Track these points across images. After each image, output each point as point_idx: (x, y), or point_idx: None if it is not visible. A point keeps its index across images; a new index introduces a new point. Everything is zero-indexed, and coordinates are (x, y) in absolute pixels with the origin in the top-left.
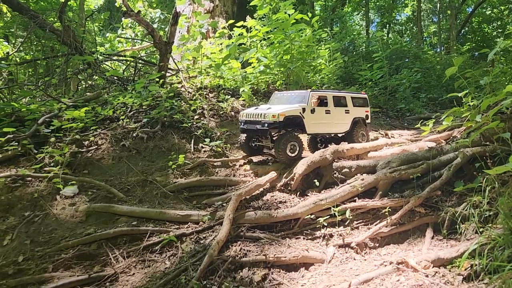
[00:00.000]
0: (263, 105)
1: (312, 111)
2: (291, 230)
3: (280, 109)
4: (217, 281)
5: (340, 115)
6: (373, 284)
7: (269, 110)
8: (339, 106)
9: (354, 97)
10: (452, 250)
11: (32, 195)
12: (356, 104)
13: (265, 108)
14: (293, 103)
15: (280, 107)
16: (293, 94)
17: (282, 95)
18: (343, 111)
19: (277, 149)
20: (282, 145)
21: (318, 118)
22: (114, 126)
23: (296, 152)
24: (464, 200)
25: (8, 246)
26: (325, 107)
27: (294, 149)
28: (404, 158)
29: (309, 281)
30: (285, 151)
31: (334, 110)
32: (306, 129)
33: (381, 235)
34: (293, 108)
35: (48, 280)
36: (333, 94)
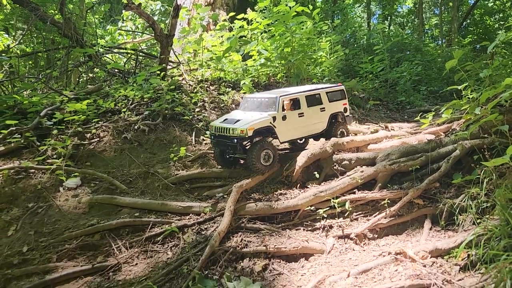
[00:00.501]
0: (233, 113)
1: (283, 118)
2: (291, 221)
3: (248, 122)
4: (218, 271)
5: (315, 115)
6: (372, 273)
7: (237, 124)
8: (313, 106)
9: (329, 92)
10: (449, 240)
11: (35, 186)
12: (333, 98)
13: (233, 119)
14: (264, 110)
15: (249, 117)
16: (264, 99)
17: (252, 99)
18: (318, 109)
19: (250, 159)
20: (255, 155)
21: (291, 123)
22: (116, 118)
23: (271, 160)
24: (462, 192)
25: (12, 236)
26: (298, 110)
27: (268, 158)
28: (403, 151)
29: (309, 271)
30: (259, 161)
31: (308, 111)
32: (279, 138)
33: (380, 226)
34: (263, 119)
35: (53, 270)
36: (305, 94)
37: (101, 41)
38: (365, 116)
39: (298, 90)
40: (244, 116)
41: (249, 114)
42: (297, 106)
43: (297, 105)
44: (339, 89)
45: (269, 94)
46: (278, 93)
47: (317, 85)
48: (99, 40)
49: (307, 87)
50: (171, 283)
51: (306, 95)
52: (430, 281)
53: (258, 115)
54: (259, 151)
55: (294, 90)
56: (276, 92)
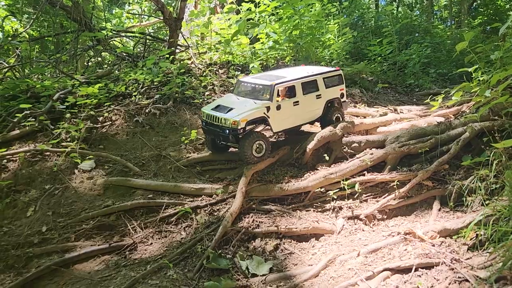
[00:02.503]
0: (226, 99)
1: (278, 108)
2: (302, 202)
3: (240, 113)
4: (231, 250)
5: (311, 103)
6: (381, 253)
7: (229, 115)
8: (309, 93)
9: (326, 77)
10: (458, 221)
11: (51, 169)
12: (329, 84)
13: (225, 107)
14: (257, 97)
15: (241, 106)
16: (258, 86)
17: (246, 84)
18: (314, 97)
19: (242, 151)
20: (247, 147)
21: (285, 113)
22: (127, 102)
23: (263, 151)
24: (471, 174)
25: (31, 217)
26: (293, 98)
27: (260, 149)
28: (413, 133)
29: (319, 251)
30: (251, 152)
31: (303, 99)
32: (272, 128)
33: (389, 208)
34: (256, 110)
35: (71, 248)
36: (301, 81)
37: (108, 25)
38: (374, 99)
39: (294, 76)
40: (237, 103)
41: (242, 102)
42: (293, 94)
43: (293, 93)
44: (336, 74)
45: (263, 80)
46: (273, 80)
47: (313, 68)
48: (106, 24)
49: (303, 71)
50: (185, 261)
51: (302, 82)
52: (439, 260)
53: (251, 103)
54: (251, 142)
55: (290, 75)
56: (271, 77)
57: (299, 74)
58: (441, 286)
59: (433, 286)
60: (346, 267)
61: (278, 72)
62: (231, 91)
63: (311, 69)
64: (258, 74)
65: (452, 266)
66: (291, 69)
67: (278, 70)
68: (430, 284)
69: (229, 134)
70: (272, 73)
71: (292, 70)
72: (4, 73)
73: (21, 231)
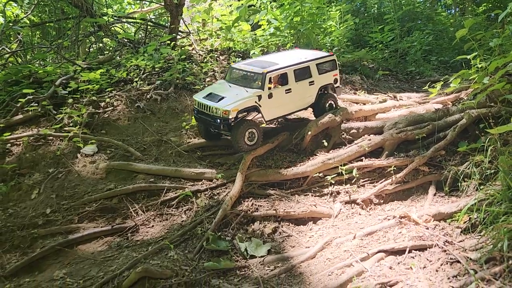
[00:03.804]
0: (218, 86)
1: (269, 96)
2: (300, 187)
3: (231, 102)
4: (230, 232)
5: (304, 90)
6: (377, 236)
7: (220, 104)
8: (302, 80)
9: (319, 63)
10: (452, 205)
11: (54, 153)
12: (323, 70)
13: (217, 96)
14: (249, 85)
15: (233, 94)
16: (250, 73)
17: (238, 71)
18: (307, 83)
19: (234, 139)
20: (239, 135)
21: (277, 101)
22: (129, 88)
23: (255, 139)
24: (467, 160)
25: (36, 199)
26: (285, 85)
27: (252, 137)
28: (410, 119)
29: (316, 233)
30: (243, 140)
31: (296, 86)
32: (264, 117)
33: (385, 193)
34: (247, 99)
35: (75, 230)
36: (294, 68)
37: (109, 11)
38: (374, 86)
39: (286, 63)
40: (229, 91)
41: (234, 90)
42: (285, 81)
43: (285, 80)
44: (330, 60)
45: (255, 66)
46: (265, 67)
47: (307, 53)
48: (107, 10)
49: (297, 56)
50: (186, 243)
51: (295, 69)
52: (432, 242)
53: (243, 92)
54: (243, 130)
55: (282, 62)
56: (263, 64)
57: (292, 60)
58: (433, 267)
59: (426, 267)
60: (342, 249)
61: (271, 58)
62: (224, 78)
63: (305, 54)
64: (251, 60)
65: (445, 248)
66: (285, 54)
67: (272, 55)
68: (423, 265)
69: (220, 123)
70: (265, 59)
71: (286, 55)
72: (6, 58)
73: (26, 213)
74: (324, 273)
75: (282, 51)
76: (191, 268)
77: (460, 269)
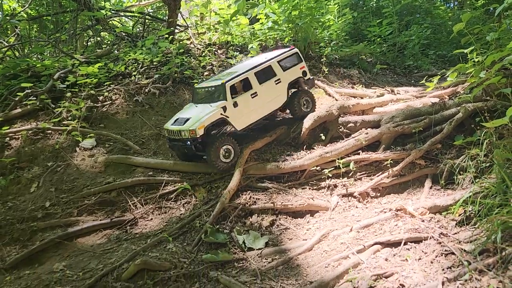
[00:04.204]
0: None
1: (235, 105)
2: (298, 181)
3: (197, 120)
4: (228, 225)
5: (271, 90)
6: (373, 228)
7: (186, 125)
8: (266, 80)
9: (281, 60)
10: (448, 198)
11: (53, 146)
12: (287, 66)
13: (183, 118)
14: (213, 100)
15: (198, 113)
16: (210, 88)
17: (200, 90)
18: (273, 83)
19: (209, 158)
20: (214, 153)
21: (245, 108)
22: (127, 82)
23: (232, 155)
24: (463, 153)
25: (35, 193)
26: (250, 90)
27: (228, 154)
28: (407, 113)
29: (313, 226)
30: (219, 159)
31: (261, 88)
32: (235, 127)
33: (382, 186)
34: (211, 113)
35: (74, 223)
36: (254, 71)
37: (107, 4)
38: (372, 80)
39: (246, 68)
40: (195, 111)
41: (199, 108)
42: (248, 86)
43: (248, 86)
44: (292, 53)
45: (215, 81)
46: (224, 77)
47: (267, 54)
48: (105, 3)
49: (258, 60)
50: (185, 236)
51: (255, 72)
52: (428, 234)
53: (207, 108)
54: (217, 148)
55: (242, 69)
56: (222, 76)
57: (252, 64)
58: (428, 259)
59: (421, 259)
60: (339, 241)
61: (231, 69)
62: (191, 101)
63: (267, 55)
64: (212, 77)
65: (440, 240)
66: (247, 62)
67: (234, 67)
68: (418, 256)
69: (191, 144)
70: (225, 72)
71: (248, 62)
72: (4, 52)
73: (25, 206)
74: (321, 265)
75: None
76: (190, 260)
77: (454, 260)
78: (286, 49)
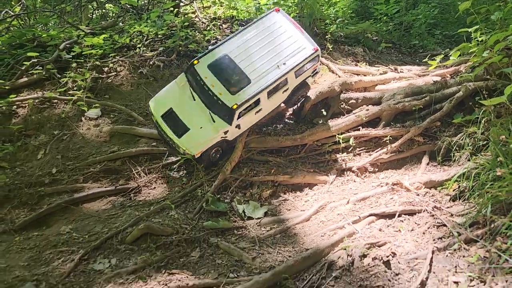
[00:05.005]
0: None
1: (237, 127)
2: (298, 154)
3: (196, 143)
4: (229, 195)
5: (276, 100)
6: (369, 201)
7: (184, 140)
8: (276, 92)
9: (300, 68)
10: (443, 173)
11: (59, 116)
12: (301, 72)
13: (178, 123)
14: (217, 113)
15: (197, 128)
16: (220, 101)
17: (205, 86)
18: (281, 92)
19: (200, 162)
20: (205, 160)
21: (244, 125)
22: (132, 54)
23: (219, 154)
24: (461, 131)
25: (42, 159)
26: (256, 107)
27: (217, 153)
28: (409, 91)
29: (312, 198)
30: (209, 160)
31: (267, 103)
32: (229, 138)
33: (380, 161)
34: (213, 138)
35: (80, 189)
36: (269, 89)
37: None
38: (376, 59)
39: (260, 84)
40: (193, 117)
41: (198, 115)
42: (256, 103)
43: (256, 103)
44: (313, 57)
45: (224, 87)
46: (237, 89)
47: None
48: None
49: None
50: (186, 204)
51: (269, 90)
52: (421, 207)
53: (208, 124)
54: (208, 155)
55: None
56: (231, 80)
57: (270, 74)
58: (420, 230)
59: (413, 230)
60: (335, 212)
61: (243, 61)
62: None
63: (286, 42)
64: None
65: (433, 213)
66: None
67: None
68: (411, 227)
69: (182, 155)
70: (239, 69)
71: (264, 48)
72: (10, 21)
73: (33, 172)
74: (317, 234)
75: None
76: (191, 227)
77: (445, 232)
78: (310, 53)
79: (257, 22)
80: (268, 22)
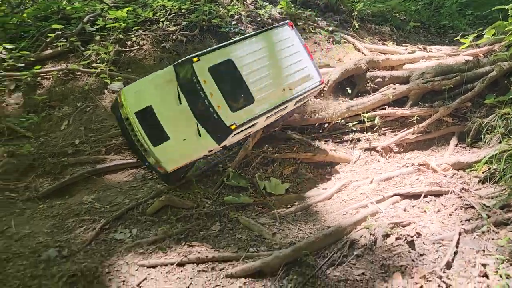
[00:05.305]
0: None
1: (223, 148)
2: (321, 133)
3: (173, 157)
4: (250, 171)
5: (269, 120)
6: (394, 181)
7: (159, 152)
8: (273, 114)
9: (304, 97)
10: (472, 155)
11: (82, 88)
12: (302, 100)
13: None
14: (205, 125)
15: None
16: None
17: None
18: (276, 113)
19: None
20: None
21: (230, 141)
22: (155, 28)
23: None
24: (493, 112)
25: (65, 130)
26: (251, 126)
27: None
28: (439, 70)
29: (334, 177)
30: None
31: (262, 120)
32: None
33: (406, 142)
34: (195, 154)
35: (102, 160)
36: (268, 114)
37: None
38: (404, 38)
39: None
40: (175, 124)
41: (181, 122)
42: (253, 125)
43: (253, 125)
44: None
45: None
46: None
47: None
48: None
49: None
50: (208, 179)
51: (268, 115)
52: (448, 189)
53: (192, 136)
54: (181, 170)
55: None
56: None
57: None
58: (447, 211)
59: (440, 211)
60: (358, 191)
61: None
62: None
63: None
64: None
65: (461, 195)
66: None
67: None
68: (437, 209)
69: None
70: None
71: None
72: None
73: (56, 142)
74: (339, 212)
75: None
76: (212, 201)
77: (473, 214)
78: (315, 82)
79: (268, 32)
80: (280, 36)
